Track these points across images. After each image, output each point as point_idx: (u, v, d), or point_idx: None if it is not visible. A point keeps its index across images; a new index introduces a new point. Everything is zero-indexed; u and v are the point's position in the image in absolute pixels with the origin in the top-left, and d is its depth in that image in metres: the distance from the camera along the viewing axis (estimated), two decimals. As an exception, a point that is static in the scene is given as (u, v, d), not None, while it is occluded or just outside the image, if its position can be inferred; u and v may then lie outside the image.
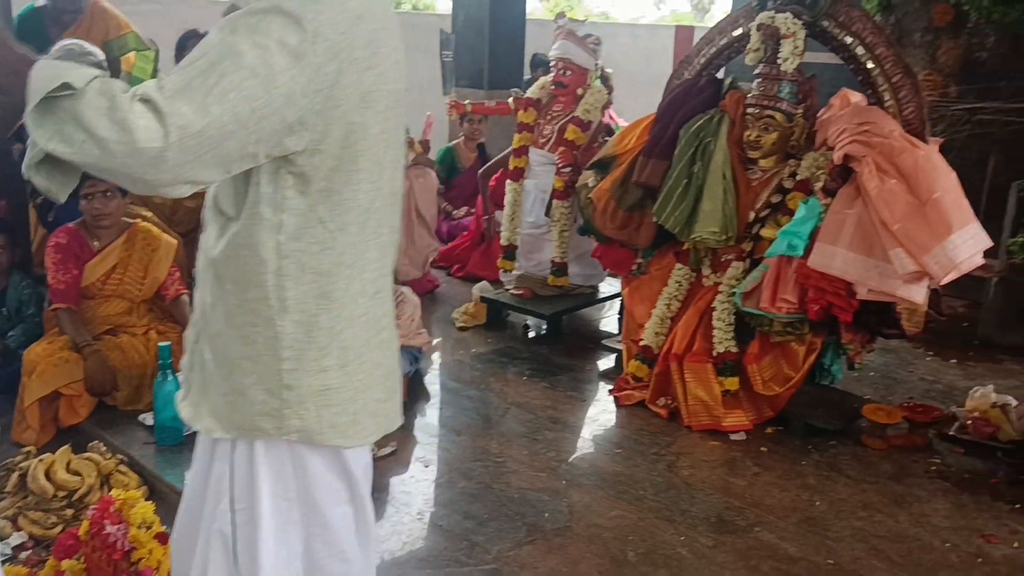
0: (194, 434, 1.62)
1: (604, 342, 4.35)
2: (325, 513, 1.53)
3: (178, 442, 3.05)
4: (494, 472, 3.09)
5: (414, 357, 3.83)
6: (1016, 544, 2.74)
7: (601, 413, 3.68)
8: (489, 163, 5.49)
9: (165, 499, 2.70)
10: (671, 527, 2.77)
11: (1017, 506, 2.97)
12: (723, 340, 3.54)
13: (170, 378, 3.01)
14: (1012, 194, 4.77)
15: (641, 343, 3.79)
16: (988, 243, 3.10)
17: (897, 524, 2.84)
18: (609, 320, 4.85)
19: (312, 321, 1.44)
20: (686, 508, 2.89)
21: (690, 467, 3.19)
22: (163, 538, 2.28)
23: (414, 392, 3.74)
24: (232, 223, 1.43)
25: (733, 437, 3.42)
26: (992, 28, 5.40)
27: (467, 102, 4.98)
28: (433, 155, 5.47)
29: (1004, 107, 5.40)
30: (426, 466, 3.14)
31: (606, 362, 4.21)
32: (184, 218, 4.20)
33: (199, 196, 1.47)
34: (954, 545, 2.73)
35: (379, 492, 2.94)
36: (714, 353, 3.55)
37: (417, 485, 3.01)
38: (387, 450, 3.19)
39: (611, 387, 3.84)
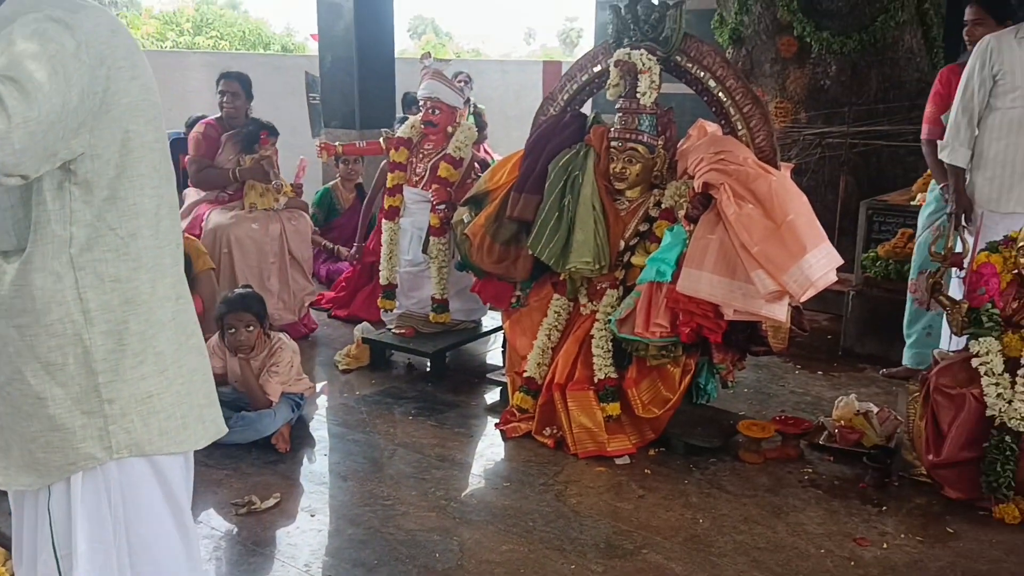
0: None
1: (489, 376, 4.38)
2: (150, 542, 1.54)
3: None
4: (383, 516, 3.05)
5: (296, 404, 3.76)
6: (885, 545, 2.89)
7: (489, 447, 3.69)
8: (371, 192, 5.53)
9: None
10: (561, 556, 2.80)
11: (884, 508, 3.14)
12: (603, 367, 3.62)
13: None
14: (862, 212, 5.08)
15: (524, 374, 3.83)
16: (840, 260, 3.28)
17: (776, 535, 2.95)
18: (493, 354, 4.88)
19: (121, 329, 1.45)
20: (575, 536, 2.93)
21: (578, 495, 3.23)
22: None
23: (298, 440, 3.67)
24: (14, 256, 1.43)
25: (618, 461, 3.49)
26: (833, 58, 5.78)
27: (338, 143, 4.96)
28: (308, 197, 5.41)
29: (849, 131, 5.77)
30: (312, 515, 3.08)
31: (492, 396, 4.23)
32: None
33: None
34: (828, 551, 2.85)
35: (264, 547, 2.86)
36: (595, 380, 3.62)
37: (303, 536, 2.94)
38: (270, 502, 3.11)
39: (497, 420, 3.86)
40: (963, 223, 3.87)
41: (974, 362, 3.16)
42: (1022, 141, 3.75)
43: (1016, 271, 3.24)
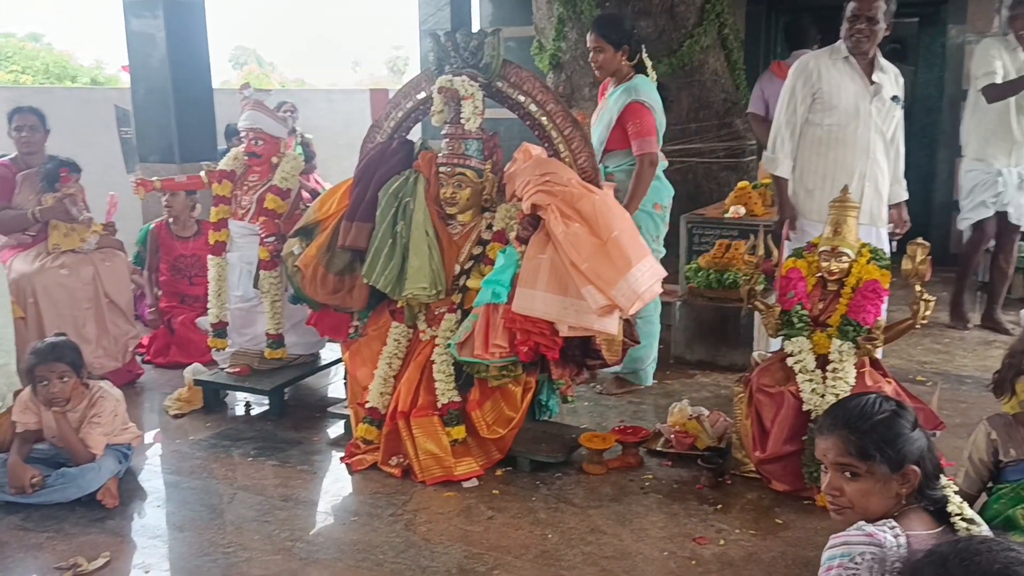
0: None
1: (330, 409, 4.29)
2: None
3: None
4: (225, 564, 2.91)
5: (123, 455, 3.55)
6: (722, 542, 3.03)
7: (334, 483, 3.61)
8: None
9: None
10: (413, 587, 2.77)
11: (719, 506, 3.29)
12: (445, 391, 3.62)
13: None
14: (682, 226, 5.34)
15: (367, 405, 3.78)
16: (663, 273, 3.44)
17: (621, 542, 3.04)
18: (335, 386, 4.79)
19: None
20: (427, 564, 2.90)
21: (427, 522, 3.21)
22: None
23: (127, 493, 3.46)
24: None
25: (466, 485, 3.49)
26: (646, 81, 6.05)
27: (155, 179, 4.74)
28: (126, 236, 5.14)
29: (665, 150, 6.05)
30: (147, 572, 2.90)
31: (335, 430, 4.15)
32: None
33: None
34: (671, 552, 2.96)
35: (94, 612, 2.67)
36: (439, 405, 3.62)
37: (138, 595, 2.77)
38: (99, 562, 2.91)
39: (342, 454, 3.78)
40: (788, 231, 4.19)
41: (789, 361, 3.39)
42: (832, 156, 4.12)
43: (819, 274, 3.49)
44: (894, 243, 4.36)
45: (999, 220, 5.44)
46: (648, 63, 4.47)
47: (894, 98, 4.17)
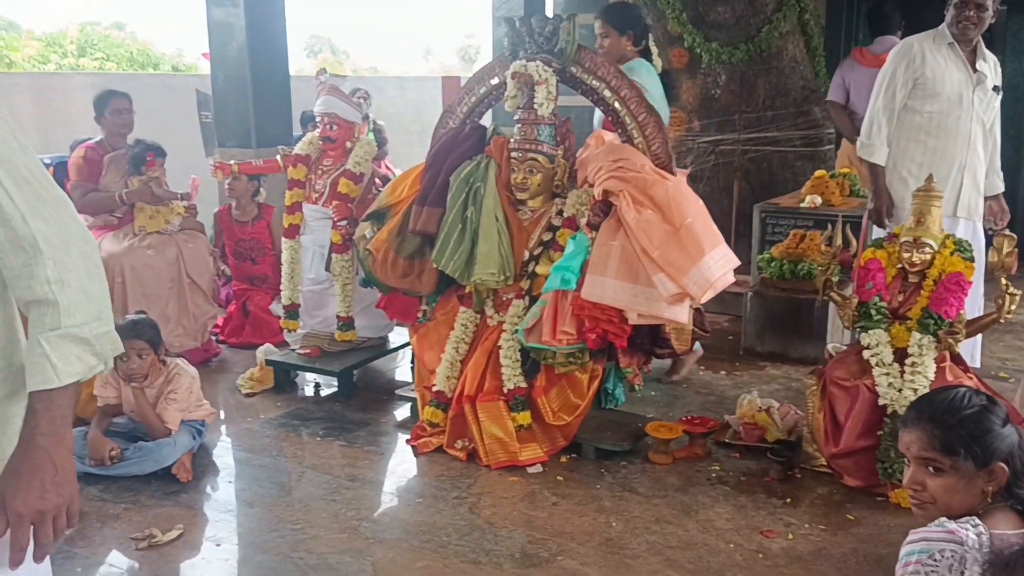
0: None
1: (398, 392, 4.33)
2: None
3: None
4: (292, 541, 2.97)
5: (197, 431, 3.64)
6: (790, 536, 2.97)
7: (400, 464, 3.65)
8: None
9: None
10: (477, 569, 2.78)
11: (788, 500, 3.23)
12: (512, 377, 3.62)
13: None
14: (756, 215, 5.24)
15: (434, 389, 3.80)
16: (736, 262, 3.37)
17: (687, 533, 3.00)
18: (402, 369, 4.84)
19: None
20: (490, 547, 2.91)
21: (492, 506, 3.22)
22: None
23: (200, 468, 3.55)
24: None
25: (531, 470, 3.49)
26: (722, 67, 5.96)
27: (233, 162, 4.84)
28: (205, 218, 5.27)
29: (740, 138, 5.96)
30: (218, 545, 2.97)
31: (402, 412, 4.19)
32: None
33: None
34: (738, 545, 2.91)
35: (168, 581, 2.75)
36: (504, 390, 3.62)
37: (209, 567, 2.84)
38: (173, 534, 2.99)
39: (408, 437, 3.81)
40: (886, 219, 4.06)
41: (865, 354, 3.29)
42: (933, 145, 3.97)
43: (900, 265, 3.38)
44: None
45: None
46: (655, 51, 4.42)
47: (995, 88, 4.03)
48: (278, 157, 4.66)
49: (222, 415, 4.13)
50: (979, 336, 4.02)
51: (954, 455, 1.73)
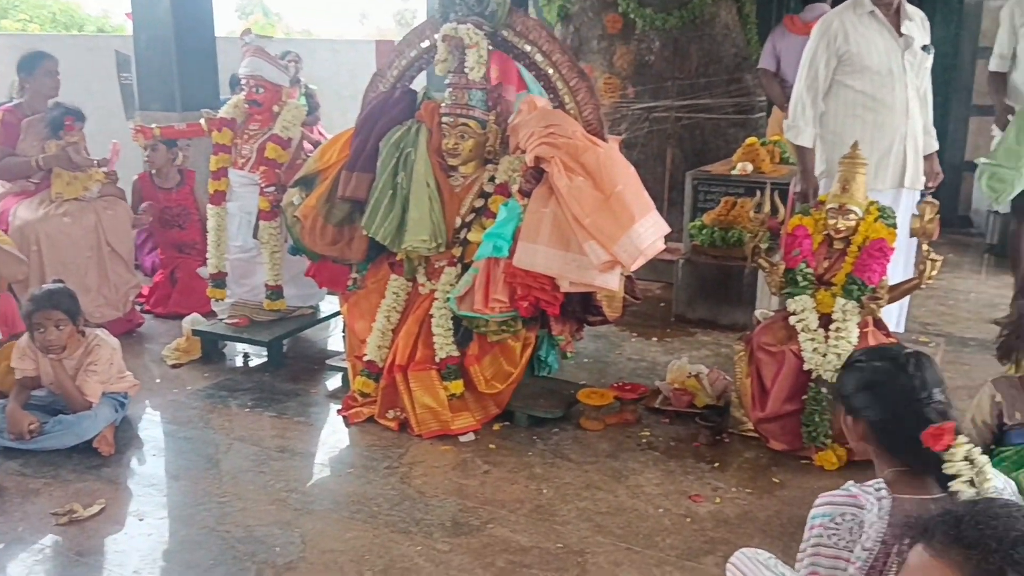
0: None
1: (329, 362, 4.27)
2: None
3: None
4: (218, 514, 2.91)
5: (119, 403, 3.54)
6: (718, 500, 3.01)
7: (331, 435, 3.60)
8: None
9: None
10: (407, 539, 2.76)
11: (716, 465, 3.28)
12: (444, 345, 3.59)
13: None
14: (688, 183, 5.27)
15: (365, 358, 3.76)
16: (667, 229, 3.38)
17: (616, 499, 3.02)
18: (333, 339, 4.77)
19: None
20: (421, 517, 2.90)
21: (423, 475, 3.20)
22: None
23: (123, 441, 3.46)
24: None
25: (463, 439, 3.48)
26: (656, 34, 5.95)
27: (155, 126, 4.67)
28: (125, 184, 5.09)
29: (673, 105, 5.97)
30: (141, 519, 2.90)
31: (333, 382, 4.13)
32: None
33: None
34: (666, 510, 2.95)
35: (88, 556, 2.68)
36: (437, 359, 3.59)
37: (132, 542, 2.76)
38: (94, 509, 2.91)
39: (339, 407, 3.77)
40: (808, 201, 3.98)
41: (791, 320, 3.34)
42: (872, 119, 3.85)
43: (826, 232, 3.43)
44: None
45: None
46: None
47: (924, 47, 3.90)
48: (202, 121, 4.51)
49: (147, 387, 4.02)
50: (905, 301, 4.09)
51: None
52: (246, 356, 4.49)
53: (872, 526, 1.61)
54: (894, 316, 4.16)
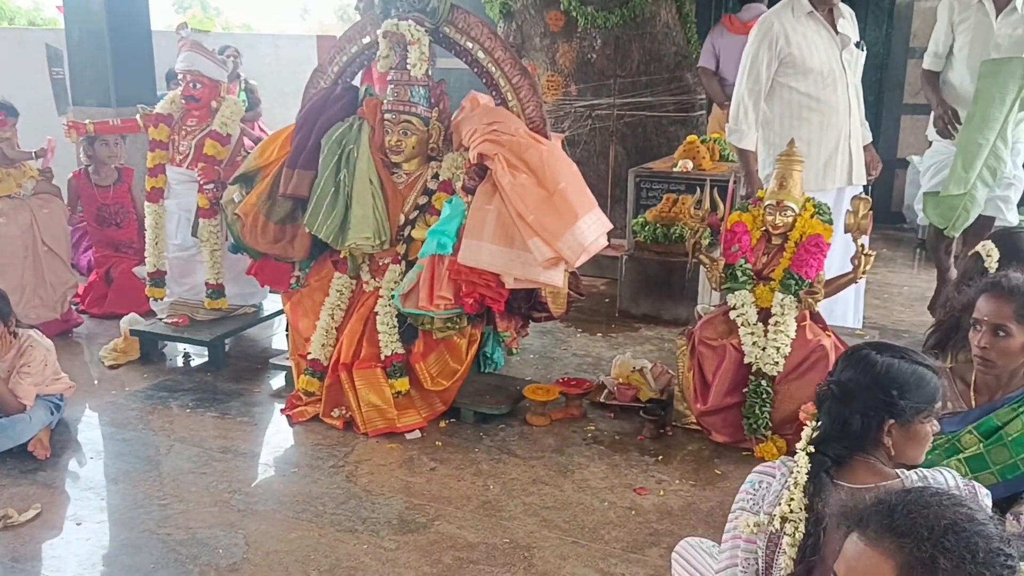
0: None
1: (272, 361, 4.22)
2: None
3: None
4: (159, 517, 2.86)
5: (55, 406, 3.46)
6: (662, 492, 3.06)
7: (275, 434, 3.56)
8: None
9: None
10: (353, 537, 2.75)
11: (660, 457, 3.32)
12: (389, 343, 3.58)
13: None
14: (630, 180, 5.33)
15: (309, 357, 3.73)
16: (609, 225, 3.42)
17: (562, 493, 3.05)
18: (276, 338, 4.72)
19: None
20: (367, 515, 2.88)
21: (369, 474, 3.19)
22: None
23: (60, 444, 3.38)
24: None
25: (409, 436, 3.48)
26: (598, 32, 5.99)
27: (88, 121, 4.56)
28: (60, 181, 4.95)
29: (615, 103, 6.02)
30: (79, 524, 2.83)
31: (277, 381, 4.09)
32: None
33: None
34: (611, 503, 2.98)
35: (24, 562, 2.62)
36: (382, 357, 3.58)
37: (69, 547, 2.70)
38: (30, 514, 2.84)
39: (283, 406, 3.73)
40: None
41: (732, 314, 3.41)
42: (817, 120, 3.88)
43: (764, 228, 3.50)
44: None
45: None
46: None
47: (857, 44, 3.96)
48: (138, 116, 4.42)
49: (85, 389, 3.92)
50: (860, 298, 4.21)
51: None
52: (187, 356, 4.41)
53: (773, 492, 1.70)
54: (850, 312, 4.27)
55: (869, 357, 1.71)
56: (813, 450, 1.70)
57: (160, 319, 4.44)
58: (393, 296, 3.55)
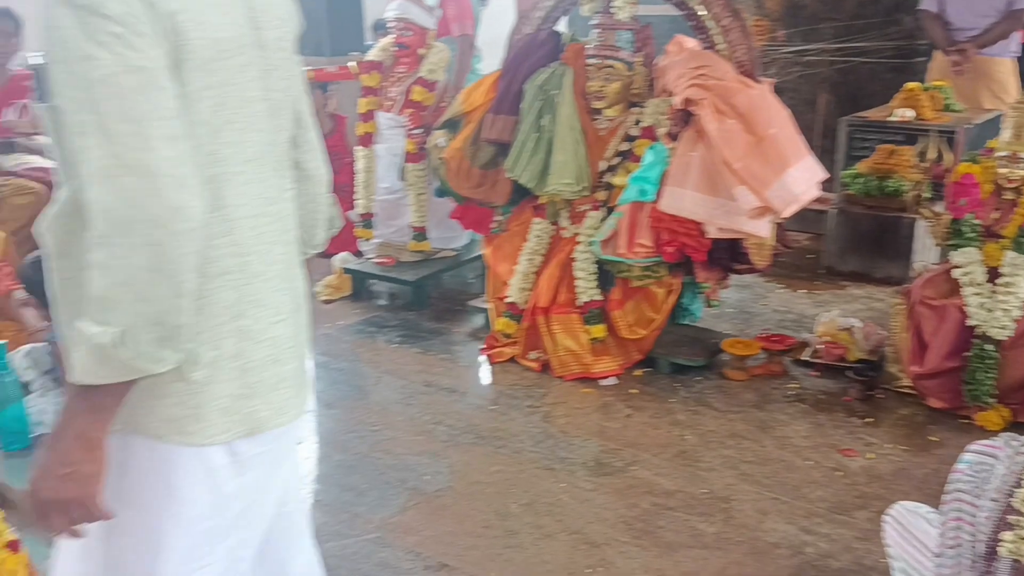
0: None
1: (471, 303, 4.34)
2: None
3: (24, 446, 2.84)
4: (371, 441, 3.04)
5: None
6: (870, 455, 2.92)
7: (474, 372, 3.69)
8: None
9: (16, 507, 2.52)
10: (551, 475, 2.81)
11: (868, 420, 3.17)
12: (586, 289, 3.59)
13: (8, 379, 2.79)
14: (841, 130, 5.03)
15: (507, 300, 3.80)
16: (823, 175, 3.25)
17: (763, 448, 2.97)
18: (477, 280, 4.84)
19: None
20: (564, 455, 2.94)
21: (565, 416, 3.24)
22: (14, 546, 2.12)
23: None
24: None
25: (604, 383, 3.49)
26: (812, -27, 5.66)
27: (307, 69, 4.81)
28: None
29: (827, 48, 5.69)
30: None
31: (475, 322, 4.21)
32: (10, 215, 3.89)
33: (30, 194, 1.34)
34: (816, 462, 2.88)
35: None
36: (579, 303, 3.60)
37: (291, 464, 2.93)
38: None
39: (482, 346, 3.84)
40: None
41: (955, 273, 3.17)
42: None
43: (995, 181, 3.22)
44: None
45: None
46: None
47: None
48: (352, 64, 4.62)
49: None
50: None
51: None
52: (393, 295, 4.62)
53: (999, 477, 1.58)
54: None
55: None
56: None
57: (369, 259, 4.66)
58: (592, 243, 3.55)
